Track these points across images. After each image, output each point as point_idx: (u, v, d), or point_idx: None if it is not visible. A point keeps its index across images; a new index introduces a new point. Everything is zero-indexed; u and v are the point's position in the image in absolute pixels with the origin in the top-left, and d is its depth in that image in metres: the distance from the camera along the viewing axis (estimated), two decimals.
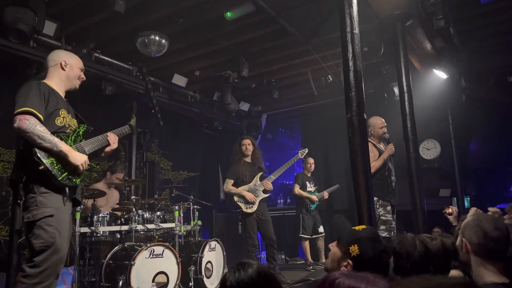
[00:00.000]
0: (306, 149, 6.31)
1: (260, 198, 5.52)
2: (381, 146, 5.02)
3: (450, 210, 4.21)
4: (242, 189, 5.49)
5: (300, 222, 6.80)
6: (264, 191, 5.61)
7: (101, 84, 5.91)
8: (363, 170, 2.95)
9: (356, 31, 3.10)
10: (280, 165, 6.02)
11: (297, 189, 6.89)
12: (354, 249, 1.92)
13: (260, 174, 5.67)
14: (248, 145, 5.73)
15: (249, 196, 5.44)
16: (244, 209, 5.42)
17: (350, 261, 1.92)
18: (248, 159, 5.74)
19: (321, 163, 7.78)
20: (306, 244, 6.78)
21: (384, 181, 4.82)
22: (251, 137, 6.17)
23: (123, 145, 6.95)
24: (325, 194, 7.02)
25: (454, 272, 2.30)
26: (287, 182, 10.36)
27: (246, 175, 5.61)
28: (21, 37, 4.48)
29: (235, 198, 5.51)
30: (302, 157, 6.31)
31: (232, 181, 5.62)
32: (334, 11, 3.54)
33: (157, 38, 5.24)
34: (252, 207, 5.40)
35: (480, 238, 1.85)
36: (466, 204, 6.87)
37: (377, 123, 5.03)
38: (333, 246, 2.07)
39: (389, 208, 4.71)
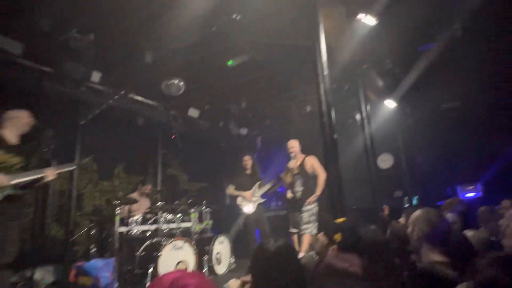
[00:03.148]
0: None
1: (258, 202, 5.46)
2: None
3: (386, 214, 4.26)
4: (241, 192, 5.42)
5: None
6: (262, 197, 5.54)
7: (134, 117, 5.95)
8: (336, 177, 2.97)
9: (326, 73, 3.15)
10: (273, 176, 5.86)
11: (289, 194, 6.73)
12: (338, 237, 1.96)
13: (258, 183, 5.60)
14: (247, 161, 5.66)
15: (247, 194, 5.36)
16: (244, 210, 5.37)
17: (335, 246, 1.96)
18: (249, 171, 5.67)
19: None
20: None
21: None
22: (249, 154, 6.14)
23: (154, 162, 6.94)
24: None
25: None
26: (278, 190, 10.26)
27: (246, 184, 5.52)
28: (75, 84, 4.56)
29: (238, 202, 5.44)
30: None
31: (233, 187, 5.54)
32: (310, 59, 3.59)
33: (176, 82, 5.30)
34: (250, 209, 5.34)
35: (429, 227, 1.86)
36: (415, 201, 6.84)
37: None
38: (321, 236, 2.09)
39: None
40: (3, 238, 2.81)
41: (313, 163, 4.61)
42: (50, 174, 3.05)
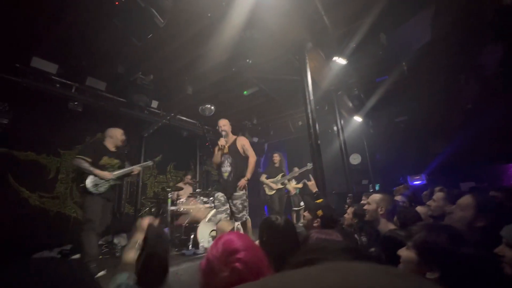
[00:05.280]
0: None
1: (279, 187, 5.11)
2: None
3: (350, 200, 4.04)
4: (269, 181, 5.11)
5: (291, 201, 6.52)
6: (282, 184, 5.17)
7: (180, 131, 5.99)
8: (320, 170, 2.92)
9: (312, 98, 3.13)
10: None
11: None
12: (320, 212, 1.89)
13: (281, 174, 5.22)
14: (276, 157, 5.26)
15: (272, 185, 5.05)
16: (267, 192, 5.12)
17: (319, 219, 1.88)
18: (277, 165, 5.25)
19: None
20: (294, 213, 6.51)
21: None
22: (279, 152, 5.51)
23: (194, 161, 6.96)
24: (299, 185, 6.70)
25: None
26: None
27: (274, 173, 5.21)
28: (140, 109, 4.61)
29: (264, 186, 5.12)
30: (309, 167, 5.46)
31: (265, 176, 5.23)
32: (300, 88, 3.58)
33: (208, 106, 5.31)
34: (272, 192, 5.04)
35: (390, 206, 1.83)
36: (377, 188, 6.67)
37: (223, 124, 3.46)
38: (306, 213, 1.99)
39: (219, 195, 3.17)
40: (106, 214, 2.96)
41: (243, 143, 3.19)
42: (136, 169, 3.23)
